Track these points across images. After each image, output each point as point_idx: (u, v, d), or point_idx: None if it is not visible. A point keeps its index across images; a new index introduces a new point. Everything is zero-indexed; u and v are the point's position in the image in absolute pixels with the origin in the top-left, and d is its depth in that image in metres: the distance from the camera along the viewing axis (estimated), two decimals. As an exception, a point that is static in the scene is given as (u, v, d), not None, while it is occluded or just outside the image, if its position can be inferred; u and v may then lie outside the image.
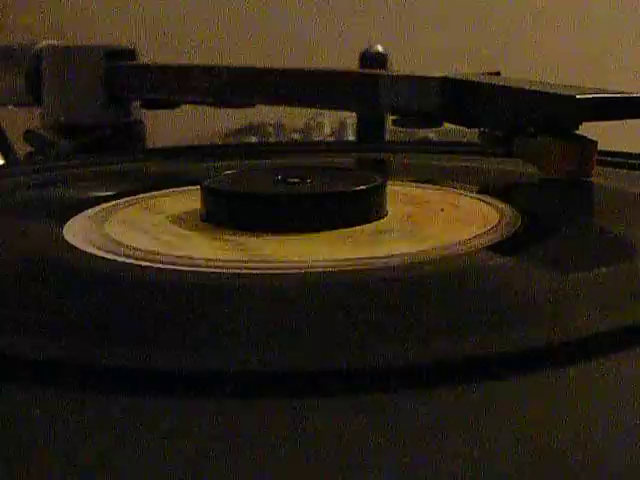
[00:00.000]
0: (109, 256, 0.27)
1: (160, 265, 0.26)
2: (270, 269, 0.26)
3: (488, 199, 0.33)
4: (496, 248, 0.27)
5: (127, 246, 0.28)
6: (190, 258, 0.26)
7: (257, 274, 0.25)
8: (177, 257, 0.27)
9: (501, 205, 0.32)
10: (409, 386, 0.18)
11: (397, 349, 0.19)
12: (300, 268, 0.26)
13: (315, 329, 0.21)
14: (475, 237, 0.28)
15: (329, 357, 0.19)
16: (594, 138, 0.36)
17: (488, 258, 0.27)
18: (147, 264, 0.26)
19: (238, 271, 0.25)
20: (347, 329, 0.21)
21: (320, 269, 0.26)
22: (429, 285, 0.24)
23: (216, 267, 0.26)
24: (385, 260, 0.26)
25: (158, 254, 0.27)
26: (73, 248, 0.28)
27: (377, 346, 0.20)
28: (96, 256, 0.27)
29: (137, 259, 0.27)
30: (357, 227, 0.29)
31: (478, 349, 0.19)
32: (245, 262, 0.26)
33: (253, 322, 0.22)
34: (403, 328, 0.21)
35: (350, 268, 0.25)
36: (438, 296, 0.24)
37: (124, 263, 0.26)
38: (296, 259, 0.26)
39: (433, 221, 0.31)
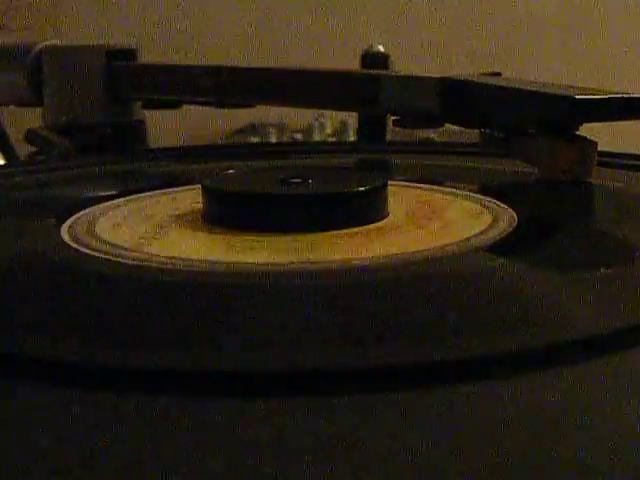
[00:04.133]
0: (108, 256, 0.27)
1: (161, 265, 0.26)
2: (271, 269, 0.26)
3: (488, 199, 0.33)
4: (495, 248, 0.27)
5: (127, 246, 0.28)
6: (190, 258, 0.26)
7: (258, 274, 0.25)
8: (178, 257, 0.27)
9: (501, 205, 0.32)
10: (408, 386, 0.18)
11: (394, 349, 0.20)
12: (300, 268, 0.26)
13: (315, 328, 0.21)
14: (474, 237, 0.28)
15: (329, 357, 0.19)
16: (594, 139, 0.36)
17: (487, 258, 0.27)
18: (147, 264, 0.26)
19: (239, 271, 0.25)
20: (346, 329, 0.21)
21: (319, 269, 0.26)
22: (428, 285, 0.24)
23: (216, 267, 0.26)
24: (384, 260, 0.26)
25: (158, 254, 0.27)
26: (71, 248, 0.28)
27: (374, 346, 0.20)
28: (95, 256, 0.27)
29: (137, 259, 0.27)
30: (358, 228, 0.29)
31: (477, 349, 0.19)
32: (246, 262, 0.26)
33: (253, 321, 0.22)
34: (401, 328, 0.21)
35: (349, 268, 0.26)
36: (436, 296, 0.24)
37: (123, 263, 0.26)
38: (296, 259, 0.26)
39: (433, 221, 0.31)
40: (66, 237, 0.29)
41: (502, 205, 0.32)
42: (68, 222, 0.31)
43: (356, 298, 0.23)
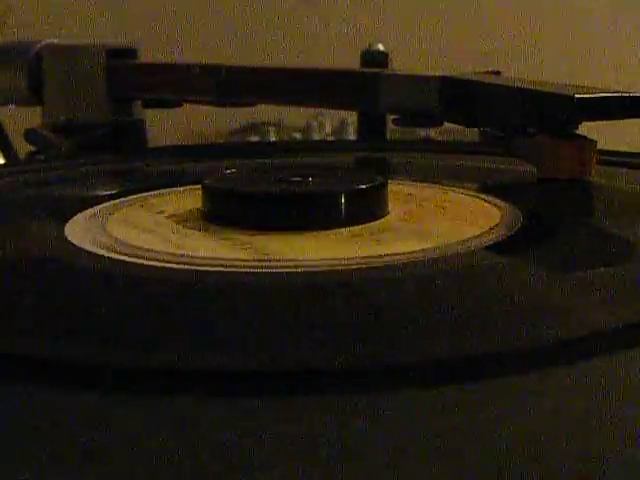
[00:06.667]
0: (109, 255, 0.27)
1: (162, 264, 0.26)
2: (272, 268, 0.26)
3: (489, 198, 0.33)
4: (497, 247, 0.27)
5: (128, 245, 0.28)
6: (191, 257, 0.26)
7: (259, 273, 0.25)
8: (178, 256, 0.27)
9: (502, 204, 0.32)
10: (408, 386, 0.18)
11: (397, 349, 0.20)
12: (301, 267, 0.26)
13: (315, 328, 0.21)
14: (476, 236, 0.28)
15: (329, 357, 0.19)
16: (594, 137, 0.36)
17: (489, 257, 0.27)
18: (148, 263, 0.26)
19: (239, 270, 0.25)
20: (348, 328, 0.21)
21: (322, 268, 0.26)
22: (430, 284, 0.24)
23: (217, 266, 0.26)
24: (386, 259, 0.26)
25: (159, 253, 0.27)
26: (73, 247, 0.28)
27: (377, 346, 0.20)
28: (96, 255, 0.27)
29: (138, 258, 0.27)
30: (358, 226, 0.29)
31: (478, 349, 0.20)
32: (246, 261, 0.26)
33: (255, 321, 0.22)
34: (403, 327, 0.21)
35: (351, 267, 0.26)
36: (439, 296, 0.24)
37: (124, 262, 0.26)
38: (297, 258, 0.26)
39: (434, 220, 0.31)
40: (65, 236, 0.29)
41: (502, 204, 0.32)
42: (67, 221, 0.31)
43: (356, 297, 0.23)
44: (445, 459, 0.15)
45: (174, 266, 0.26)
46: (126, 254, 0.27)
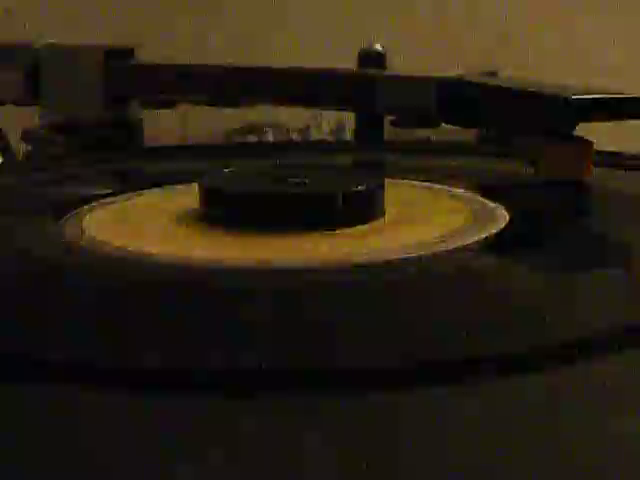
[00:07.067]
0: (105, 255, 0.27)
1: (157, 264, 0.26)
2: (267, 268, 0.26)
3: (485, 199, 0.33)
4: (493, 248, 0.27)
5: (123, 245, 0.28)
6: (187, 257, 0.27)
7: (254, 273, 0.25)
8: (174, 256, 0.27)
9: (498, 205, 0.32)
10: (405, 386, 0.18)
11: (390, 349, 0.20)
12: (296, 267, 0.26)
13: (312, 327, 0.21)
14: (472, 236, 0.28)
15: (327, 357, 0.19)
16: (591, 138, 0.36)
17: (484, 258, 0.27)
18: (144, 263, 0.26)
19: (235, 270, 0.25)
20: (343, 328, 0.21)
21: (316, 268, 0.26)
22: (426, 284, 0.24)
23: (213, 266, 0.26)
24: (380, 259, 0.26)
25: (155, 253, 0.27)
26: (67, 247, 0.28)
27: (370, 346, 0.20)
28: (92, 255, 0.27)
29: (134, 258, 0.27)
30: (355, 227, 0.29)
31: (474, 350, 0.20)
32: (242, 261, 0.26)
33: (250, 320, 0.22)
34: (398, 328, 0.21)
35: (346, 267, 0.26)
36: (433, 296, 0.24)
37: (120, 262, 0.26)
38: (292, 258, 0.26)
39: (429, 220, 0.31)
40: (62, 236, 0.29)
41: (498, 205, 0.32)
42: (64, 221, 0.31)
43: (351, 298, 0.23)
44: (444, 459, 0.15)
45: (168, 266, 0.26)
46: (120, 254, 0.27)
